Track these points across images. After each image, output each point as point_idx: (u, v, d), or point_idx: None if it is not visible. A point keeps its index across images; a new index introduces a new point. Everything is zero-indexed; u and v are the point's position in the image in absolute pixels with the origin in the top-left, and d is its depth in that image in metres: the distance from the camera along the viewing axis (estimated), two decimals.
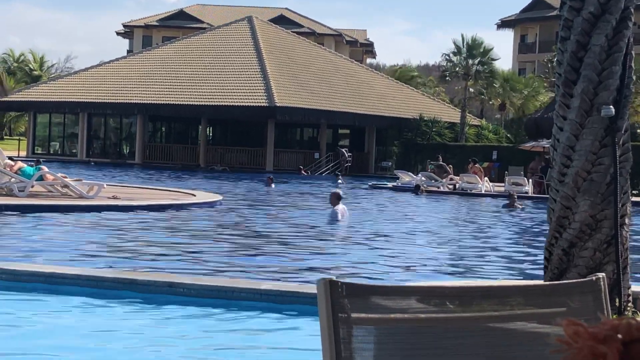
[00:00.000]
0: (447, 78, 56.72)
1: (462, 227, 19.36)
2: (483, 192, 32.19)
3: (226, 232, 15.70)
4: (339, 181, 37.24)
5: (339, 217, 17.92)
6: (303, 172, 47.23)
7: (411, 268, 11.87)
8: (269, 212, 21.38)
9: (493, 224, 20.63)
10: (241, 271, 10.75)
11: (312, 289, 7.49)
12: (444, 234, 17.54)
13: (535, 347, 2.75)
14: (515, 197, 24.39)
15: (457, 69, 54.61)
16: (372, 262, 12.32)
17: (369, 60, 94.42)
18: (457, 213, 24.07)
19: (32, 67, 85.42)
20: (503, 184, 33.76)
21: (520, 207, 24.06)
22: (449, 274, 11.45)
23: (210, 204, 20.74)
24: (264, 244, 14.15)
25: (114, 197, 19.36)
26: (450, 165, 35.74)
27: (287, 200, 25.68)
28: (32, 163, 23.59)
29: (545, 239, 6.93)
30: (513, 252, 14.92)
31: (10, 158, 21.37)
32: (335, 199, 18.30)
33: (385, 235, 16.33)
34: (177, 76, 52.10)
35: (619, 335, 1.33)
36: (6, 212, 16.41)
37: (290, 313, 7.57)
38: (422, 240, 16.22)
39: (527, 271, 11.92)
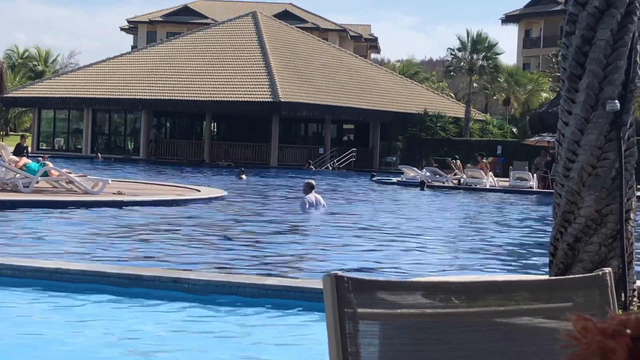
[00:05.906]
0: (452, 73, 56.69)
1: (468, 222, 19.34)
2: (488, 187, 32.18)
3: (229, 227, 15.70)
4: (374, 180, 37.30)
5: (307, 206, 17.98)
6: (312, 167, 47.19)
7: (417, 262, 11.86)
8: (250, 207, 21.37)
9: (500, 219, 20.62)
10: (245, 266, 10.75)
11: (317, 284, 7.50)
12: (449, 229, 17.52)
13: (540, 342, 2.74)
14: None
15: (462, 64, 54.56)
16: (378, 257, 12.31)
17: (373, 56, 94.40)
18: (463, 208, 24.04)
19: (36, 63, 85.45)
20: (508, 179, 33.74)
21: None
22: (455, 268, 11.44)
23: (215, 199, 20.78)
24: (258, 239, 14.12)
25: (119, 193, 19.39)
26: (458, 161, 35.55)
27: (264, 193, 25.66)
28: (40, 158, 23.60)
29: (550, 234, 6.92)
30: (518, 246, 14.90)
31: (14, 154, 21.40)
32: (308, 188, 18.34)
33: (389, 230, 16.31)
34: (181, 72, 52.10)
35: (628, 331, 1.32)
36: (11, 208, 16.44)
37: (296, 308, 7.57)
38: (428, 234, 16.20)
39: (532, 266, 11.91)
